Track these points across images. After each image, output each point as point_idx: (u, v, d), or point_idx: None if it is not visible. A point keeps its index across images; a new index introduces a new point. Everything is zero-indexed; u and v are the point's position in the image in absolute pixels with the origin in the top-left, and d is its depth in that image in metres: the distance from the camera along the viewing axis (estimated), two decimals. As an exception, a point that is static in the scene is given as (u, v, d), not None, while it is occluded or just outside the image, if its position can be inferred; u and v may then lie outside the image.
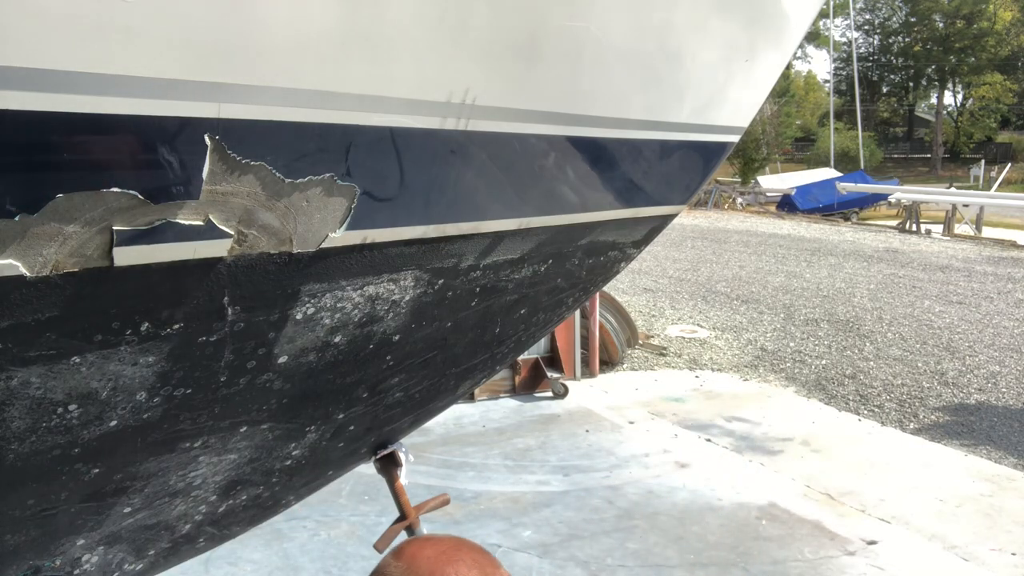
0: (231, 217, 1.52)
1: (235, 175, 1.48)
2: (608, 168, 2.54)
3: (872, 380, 7.31)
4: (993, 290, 11.27)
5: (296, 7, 1.46)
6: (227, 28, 1.38)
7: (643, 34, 2.33)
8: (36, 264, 1.31)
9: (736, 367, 7.75)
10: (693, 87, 2.68)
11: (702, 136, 2.92)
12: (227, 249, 1.55)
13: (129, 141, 1.34)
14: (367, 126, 1.67)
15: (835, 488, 5.08)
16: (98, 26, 1.23)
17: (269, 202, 1.56)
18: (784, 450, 5.78)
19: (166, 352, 1.59)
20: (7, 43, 1.15)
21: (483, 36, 1.82)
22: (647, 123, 2.55)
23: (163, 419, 1.70)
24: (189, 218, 1.46)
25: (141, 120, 1.33)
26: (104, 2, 1.23)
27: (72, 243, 1.33)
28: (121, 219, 1.37)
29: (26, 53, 1.18)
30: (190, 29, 1.34)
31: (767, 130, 33.59)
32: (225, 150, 1.45)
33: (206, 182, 1.44)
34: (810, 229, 19.37)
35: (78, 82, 1.23)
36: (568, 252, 2.59)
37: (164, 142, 1.37)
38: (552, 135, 2.18)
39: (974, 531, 4.43)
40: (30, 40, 1.18)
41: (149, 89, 1.32)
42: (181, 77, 1.35)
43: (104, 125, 1.30)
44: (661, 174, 2.85)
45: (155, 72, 1.32)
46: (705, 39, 2.61)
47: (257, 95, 1.46)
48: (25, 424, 1.46)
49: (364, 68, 1.61)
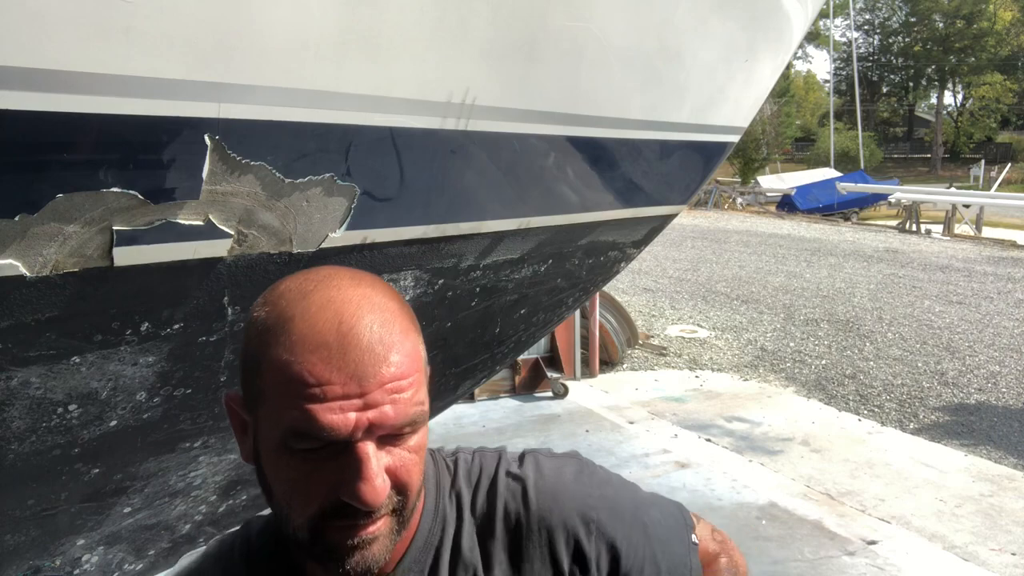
0: (231, 217, 1.52)
1: (235, 175, 1.48)
2: (608, 168, 2.54)
3: (872, 380, 7.31)
4: (993, 290, 11.28)
5: (296, 7, 1.46)
6: (227, 28, 1.38)
7: (643, 34, 2.33)
8: (36, 264, 1.31)
9: (736, 367, 7.75)
10: (693, 87, 2.68)
11: (702, 136, 2.92)
12: (227, 249, 1.55)
13: (129, 141, 1.34)
14: (367, 126, 1.67)
15: (835, 488, 5.07)
16: (98, 26, 1.23)
17: (269, 202, 1.56)
18: (784, 450, 5.78)
19: (166, 352, 1.59)
20: (7, 43, 1.15)
21: (483, 36, 1.82)
22: (647, 123, 2.55)
23: (163, 419, 1.70)
24: (189, 218, 1.46)
25: (142, 120, 1.33)
26: (105, 3, 1.23)
27: (72, 243, 1.33)
28: (121, 219, 1.37)
29: (26, 53, 1.18)
30: (190, 29, 1.33)
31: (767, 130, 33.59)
32: (225, 150, 1.44)
33: (206, 182, 1.44)
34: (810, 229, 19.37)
35: (78, 82, 1.23)
36: (568, 252, 2.59)
37: (164, 142, 1.37)
38: (552, 135, 2.18)
39: (974, 531, 4.43)
40: (30, 40, 1.17)
41: (149, 89, 1.32)
42: (181, 77, 1.35)
43: (104, 125, 1.30)
44: (661, 174, 2.85)
45: (155, 72, 1.32)
46: (705, 39, 2.61)
47: (257, 95, 1.46)
48: (25, 424, 1.46)
49: (364, 68, 1.61)
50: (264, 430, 0.74)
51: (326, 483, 0.70)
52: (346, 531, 0.71)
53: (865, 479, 5.17)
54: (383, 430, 0.71)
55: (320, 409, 0.68)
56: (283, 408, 0.70)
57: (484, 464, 0.91)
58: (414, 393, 0.72)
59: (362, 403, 0.69)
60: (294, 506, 0.72)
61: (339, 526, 0.71)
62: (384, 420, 0.70)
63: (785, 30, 3.10)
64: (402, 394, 0.71)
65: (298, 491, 0.72)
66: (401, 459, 0.73)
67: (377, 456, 0.70)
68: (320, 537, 0.72)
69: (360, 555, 0.72)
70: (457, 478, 0.90)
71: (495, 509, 0.87)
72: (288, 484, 0.72)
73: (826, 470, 5.32)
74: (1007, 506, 4.76)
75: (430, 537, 0.84)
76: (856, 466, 5.40)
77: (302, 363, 0.69)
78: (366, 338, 0.70)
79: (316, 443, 0.70)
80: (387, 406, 0.70)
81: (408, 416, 0.71)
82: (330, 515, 0.71)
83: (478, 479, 0.90)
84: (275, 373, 0.71)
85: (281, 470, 0.73)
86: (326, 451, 0.70)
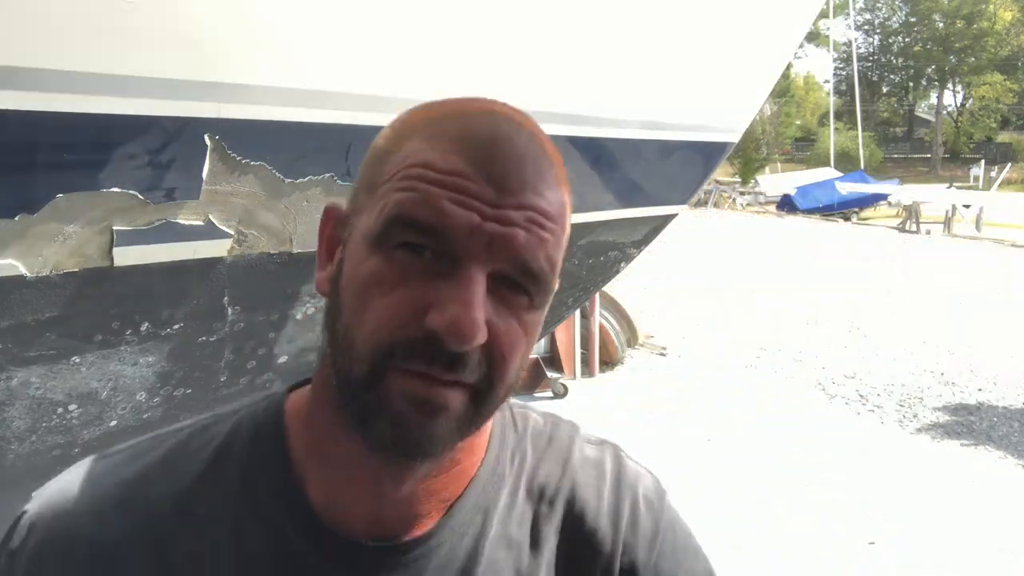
0: (231, 217, 1.52)
1: (235, 175, 1.48)
2: (608, 168, 2.54)
3: (872, 380, 7.31)
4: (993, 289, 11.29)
5: (296, 7, 1.46)
6: (228, 28, 1.38)
7: (643, 34, 2.33)
8: (36, 264, 1.31)
9: (736, 367, 7.76)
10: (693, 87, 2.68)
11: (702, 136, 2.92)
12: (227, 249, 1.55)
13: (129, 141, 1.34)
14: (367, 126, 1.68)
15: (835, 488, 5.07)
16: (99, 27, 1.23)
17: (269, 202, 1.56)
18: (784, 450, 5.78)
19: (166, 352, 1.59)
20: (8, 43, 1.15)
21: (482, 36, 1.82)
22: (647, 123, 2.55)
23: (163, 419, 1.70)
24: (189, 218, 1.46)
25: (141, 120, 1.33)
26: (105, 3, 1.23)
27: (72, 243, 1.33)
28: (121, 219, 1.37)
29: (26, 53, 1.18)
30: (191, 29, 1.34)
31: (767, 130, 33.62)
32: (225, 150, 1.45)
33: (206, 182, 1.45)
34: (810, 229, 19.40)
35: (78, 82, 1.24)
36: (568, 252, 2.59)
37: (164, 142, 1.38)
38: (552, 135, 2.18)
39: (974, 531, 4.44)
40: (30, 40, 1.18)
41: (149, 89, 1.32)
42: (181, 77, 1.35)
43: (104, 125, 1.30)
44: (661, 174, 2.85)
45: (155, 72, 1.32)
46: (705, 40, 2.61)
47: (257, 95, 1.46)
48: (25, 424, 1.46)
49: (364, 68, 1.61)
50: (363, 224, 0.59)
51: (411, 304, 0.55)
52: (413, 380, 0.56)
53: (865, 479, 5.18)
54: (503, 259, 0.56)
55: (442, 195, 0.55)
56: (398, 191, 0.57)
57: (556, 433, 0.77)
58: (551, 248, 0.59)
59: (493, 213, 0.56)
60: (363, 330, 0.57)
61: (407, 371, 0.56)
62: (511, 244, 0.56)
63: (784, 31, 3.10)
64: (541, 231, 0.58)
65: (374, 307, 0.56)
66: (508, 326, 0.58)
67: (484, 295, 0.56)
68: (379, 381, 0.56)
69: (420, 421, 0.56)
70: (525, 439, 0.75)
71: (560, 489, 0.73)
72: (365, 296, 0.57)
73: (826, 470, 5.32)
74: (1007, 506, 4.77)
75: (484, 495, 0.69)
76: (856, 466, 5.40)
77: (439, 148, 0.57)
78: (522, 154, 0.58)
79: (420, 237, 0.56)
80: (520, 231, 0.57)
81: (537, 263, 0.57)
82: (402, 354, 0.55)
83: (545, 449, 0.75)
84: (403, 159, 0.58)
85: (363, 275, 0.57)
86: (425, 261, 0.56)
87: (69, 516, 0.64)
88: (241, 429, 0.68)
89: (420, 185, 0.56)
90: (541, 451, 0.75)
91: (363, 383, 0.57)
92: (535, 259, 0.57)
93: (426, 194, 0.56)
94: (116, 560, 0.62)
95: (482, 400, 0.59)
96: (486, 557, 0.67)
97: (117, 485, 0.64)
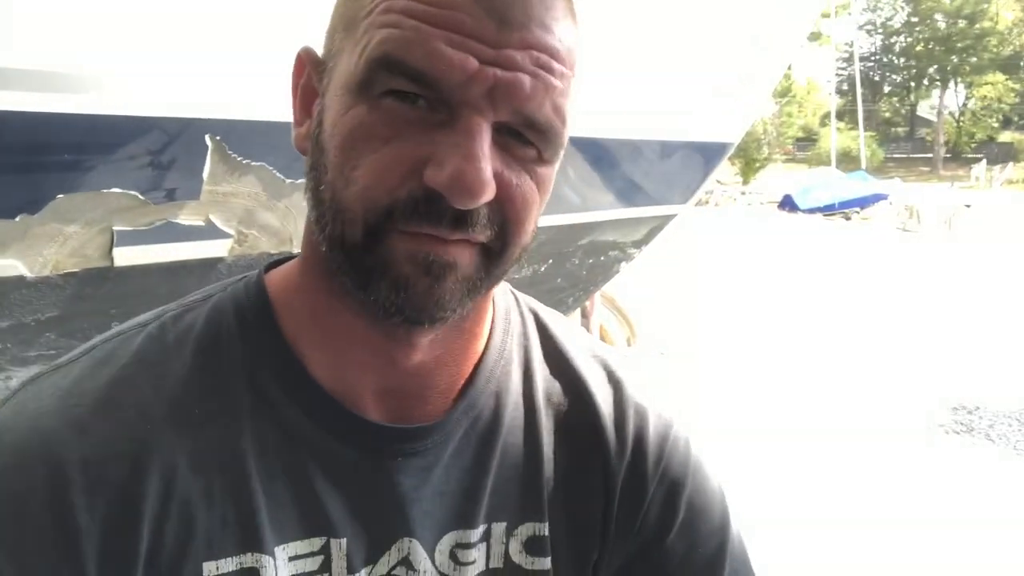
0: (231, 217, 1.52)
1: (236, 175, 1.48)
2: (608, 168, 2.54)
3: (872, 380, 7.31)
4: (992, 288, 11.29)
5: (296, 7, 1.46)
6: (228, 28, 1.38)
7: (643, 35, 2.33)
8: (36, 264, 1.31)
9: (736, 366, 7.76)
10: (694, 88, 2.68)
11: (702, 136, 2.92)
12: (227, 249, 1.55)
13: (130, 141, 1.35)
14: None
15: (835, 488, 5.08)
16: (99, 27, 1.23)
17: (269, 202, 1.56)
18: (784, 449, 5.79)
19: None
20: (7, 43, 1.15)
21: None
22: (647, 123, 2.55)
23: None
24: (189, 218, 1.46)
25: (142, 120, 1.34)
26: (106, 4, 1.23)
27: (72, 243, 1.33)
28: (121, 219, 1.37)
29: (26, 53, 1.18)
30: (191, 29, 1.34)
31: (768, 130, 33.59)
32: (226, 150, 1.45)
33: (206, 182, 1.45)
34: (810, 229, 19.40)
35: (78, 82, 1.24)
36: (568, 252, 2.59)
37: (164, 142, 1.38)
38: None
39: (974, 531, 4.44)
40: (30, 40, 1.18)
41: (149, 89, 1.32)
42: (181, 76, 1.35)
43: (104, 125, 1.30)
44: (662, 174, 2.85)
45: (155, 72, 1.32)
46: (705, 40, 2.61)
47: (258, 95, 1.46)
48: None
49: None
50: (342, 68, 0.51)
51: (407, 160, 0.48)
52: (417, 241, 0.49)
53: (865, 479, 5.18)
54: (506, 109, 0.49)
55: (434, 34, 0.47)
56: (381, 26, 0.48)
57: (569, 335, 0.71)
58: (561, 95, 0.51)
59: (495, 55, 0.48)
60: (352, 190, 0.49)
61: (409, 232, 0.49)
62: (517, 91, 0.48)
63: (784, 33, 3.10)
64: (550, 76, 0.50)
65: (364, 164, 0.49)
66: (519, 179, 0.52)
67: (489, 146, 0.49)
68: (379, 244, 0.50)
69: (426, 283, 0.50)
70: (528, 323, 0.69)
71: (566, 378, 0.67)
72: (351, 152, 0.49)
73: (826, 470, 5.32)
74: (1006, 506, 4.76)
75: (493, 377, 0.64)
76: (856, 466, 5.40)
77: None
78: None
79: (410, 85, 0.48)
80: (526, 76, 0.49)
81: (546, 114, 0.50)
82: (402, 215, 0.49)
83: (552, 336, 0.70)
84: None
85: (347, 129, 0.50)
86: (419, 111, 0.49)
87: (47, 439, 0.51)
88: (222, 317, 0.60)
89: (407, 20, 0.48)
90: (549, 338, 0.70)
91: (361, 247, 0.50)
92: (541, 109, 0.50)
93: (414, 32, 0.47)
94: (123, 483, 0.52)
95: (494, 260, 0.54)
96: (502, 441, 0.63)
97: (95, 397, 0.54)
